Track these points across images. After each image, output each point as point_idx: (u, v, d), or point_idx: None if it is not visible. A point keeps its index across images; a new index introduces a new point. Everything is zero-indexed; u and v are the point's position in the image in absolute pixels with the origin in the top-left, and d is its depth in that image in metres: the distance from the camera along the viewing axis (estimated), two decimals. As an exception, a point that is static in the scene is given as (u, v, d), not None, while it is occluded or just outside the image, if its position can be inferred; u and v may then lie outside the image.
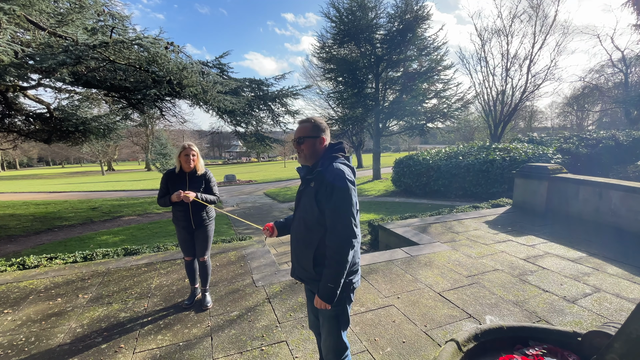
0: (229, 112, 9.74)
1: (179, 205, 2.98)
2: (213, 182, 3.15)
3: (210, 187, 3.12)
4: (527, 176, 6.40)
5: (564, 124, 42.31)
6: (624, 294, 3.14)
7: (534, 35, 17.20)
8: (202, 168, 3.05)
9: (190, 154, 2.93)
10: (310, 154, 1.68)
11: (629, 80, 25.29)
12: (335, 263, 1.54)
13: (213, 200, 3.11)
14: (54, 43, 5.21)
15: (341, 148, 1.72)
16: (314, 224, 1.61)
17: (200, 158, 3.04)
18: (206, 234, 3.14)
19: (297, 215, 1.74)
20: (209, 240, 3.19)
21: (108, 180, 32.04)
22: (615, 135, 12.08)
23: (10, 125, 8.59)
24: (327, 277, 1.55)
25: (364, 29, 14.24)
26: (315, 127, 1.68)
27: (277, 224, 1.93)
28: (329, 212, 1.55)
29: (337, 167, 1.57)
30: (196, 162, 3.00)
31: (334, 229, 1.54)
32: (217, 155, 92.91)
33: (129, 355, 2.46)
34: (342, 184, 1.54)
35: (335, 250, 1.54)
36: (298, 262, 1.73)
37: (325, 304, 1.58)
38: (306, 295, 1.95)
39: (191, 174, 3.01)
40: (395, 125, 18.16)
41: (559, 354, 1.80)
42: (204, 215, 3.10)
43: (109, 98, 9.03)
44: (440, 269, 3.87)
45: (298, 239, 1.71)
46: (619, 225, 4.88)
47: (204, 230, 3.12)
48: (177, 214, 3.05)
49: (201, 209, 3.07)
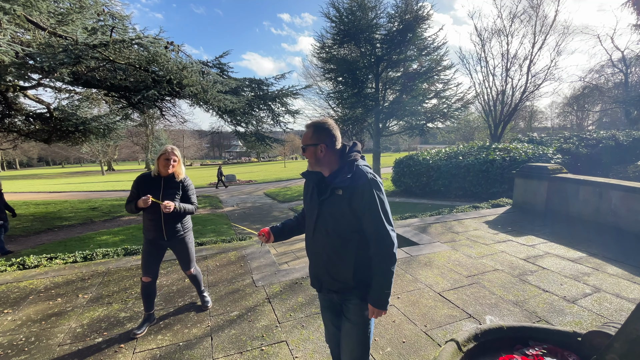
0: (229, 112, 9.72)
1: (150, 212, 2.67)
2: (192, 190, 2.86)
3: (189, 195, 2.82)
4: (527, 176, 6.40)
5: (564, 124, 42.32)
6: (624, 294, 3.14)
7: (534, 35, 17.19)
8: (181, 174, 2.78)
9: (171, 159, 2.66)
10: (314, 161, 1.58)
11: (629, 80, 25.30)
12: (388, 269, 1.49)
13: (191, 210, 2.82)
14: (54, 43, 5.21)
15: (357, 149, 1.64)
16: (349, 233, 1.53)
17: (181, 164, 2.77)
18: (185, 245, 2.87)
19: (321, 225, 1.59)
20: (190, 252, 2.92)
21: (108, 180, 32.03)
22: (615, 135, 12.08)
23: (10, 125, 8.59)
24: (382, 284, 1.51)
25: (364, 29, 14.23)
26: (316, 132, 1.57)
27: (274, 230, 1.84)
28: (370, 217, 1.48)
29: (365, 170, 1.52)
30: (176, 168, 2.72)
31: (380, 234, 1.48)
32: (217, 155, 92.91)
33: (129, 355, 2.46)
34: (378, 187, 1.50)
35: (385, 256, 1.48)
36: (331, 276, 1.60)
37: (380, 311, 1.54)
38: (324, 306, 1.80)
39: (168, 179, 2.72)
40: (395, 125, 18.16)
41: (559, 354, 1.80)
42: (179, 226, 2.79)
43: (109, 98, 9.03)
44: (440, 269, 3.87)
45: (328, 252, 1.58)
46: (619, 225, 4.88)
47: (180, 242, 2.84)
48: (147, 223, 2.73)
49: (176, 219, 2.76)
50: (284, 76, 10.70)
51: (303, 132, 1.66)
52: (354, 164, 1.54)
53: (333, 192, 1.53)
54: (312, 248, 1.68)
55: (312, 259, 1.71)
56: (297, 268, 4.01)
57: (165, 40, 5.96)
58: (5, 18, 4.53)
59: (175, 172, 2.73)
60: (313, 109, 22.35)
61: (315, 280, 1.71)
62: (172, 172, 2.72)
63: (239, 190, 18.68)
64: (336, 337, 1.77)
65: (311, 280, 1.75)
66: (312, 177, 1.66)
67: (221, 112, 9.57)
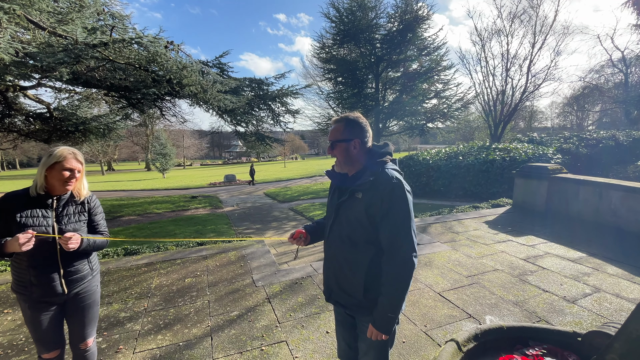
0: (229, 112, 9.73)
1: (33, 257, 1.64)
2: (100, 212, 1.93)
3: (96, 221, 1.89)
4: (527, 176, 6.40)
5: (564, 124, 42.32)
6: (624, 294, 3.14)
7: (534, 35, 17.19)
8: (84, 190, 1.84)
9: (75, 169, 1.72)
10: (344, 160, 1.42)
11: (629, 80, 25.30)
12: (397, 291, 1.31)
13: (103, 244, 1.89)
14: (54, 42, 5.21)
15: (388, 151, 1.46)
16: (362, 242, 1.37)
17: (84, 179, 1.84)
18: (89, 299, 1.87)
19: (336, 229, 1.46)
20: (94, 311, 1.91)
21: (108, 180, 32.04)
22: (615, 135, 12.08)
23: (10, 125, 8.59)
24: (387, 306, 1.32)
25: (364, 29, 14.23)
26: (349, 127, 1.40)
27: (309, 229, 1.63)
28: (387, 229, 1.31)
29: (391, 174, 1.34)
30: (77, 183, 1.78)
31: (396, 250, 1.31)
32: (217, 155, 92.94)
33: (129, 355, 2.46)
34: (402, 195, 1.31)
35: (397, 277, 1.30)
36: (340, 286, 1.47)
37: (382, 335, 1.35)
38: (337, 319, 1.65)
39: (63, 200, 1.76)
40: (395, 125, 18.15)
41: (559, 354, 1.80)
42: (85, 269, 1.84)
43: (108, 98, 9.04)
44: (440, 269, 3.87)
45: (339, 259, 1.45)
46: (619, 225, 4.88)
47: (84, 294, 1.84)
48: (27, 275, 1.66)
49: (80, 260, 1.81)
50: (283, 76, 10.71)
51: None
52: (381, 165, 1.38)
53: (352, 194, 1.39)
54: (326, 251, 1.56)
55: (325, 263, 1.59)
56: (297, 268, 4.01)
57: (165, 39, 5.96)
58: (5, 17, 4.53)
59: (76, 189, 1.80)
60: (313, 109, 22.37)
61: (325, 287, 1.59)
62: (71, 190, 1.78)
63: (239, 190, 18.69)
64: (347, 354, 1.64)
65: (323, 285, 1.63)
66: (336, 177, 1.51)
67: (221, 111, 9.58)
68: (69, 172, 1.70)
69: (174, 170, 45.60)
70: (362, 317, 1.46)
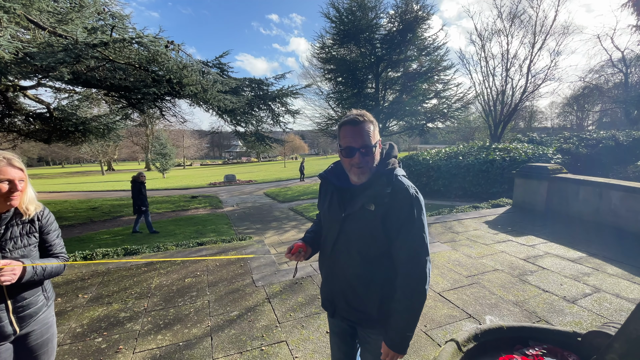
0: (229, 112, 9.72)
1: None
2: (54, 230, 1.59)
3: (50, 242, 1.56)
4: (527, 176, 6.40)
5: (564, 124, 42.31)
6: (623, 294, 3.14)
7: (534, 35, 17.20)
8: (32, 205, 1.50)
9: (15, 179, 1.39)
10: (370, 167, 1.26)
11: (629, 80, 25.30)
12: (414, 308, 1.22)
13: (58, 270, 1.56)
14: (54, 42, 5.21)
15: (394, 154, 1.35)
16: (376, 257, 1.27)
17: (29, 188, 1.49)
18: (47, 333, 1.58)
19: (343, 245, 1.32)
20: (52, 345, 1.62)
21: (108, 180, 32.03)
22: (615, 135, 12.08)
23: (10, 125, 8.60)
24: (404, 325, 1.22)
25: (364, 29, 14.23)
26: (376, 127, 1.27)
27: (308, 240, 1.49)
28: (405, 241, 1.22)
29: (407, 184, 1.24)
30: (21, 197, 1.44)
31: (413, 262, 1.21)
32: (217, 155, 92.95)
33: (129, 355, 2.46)
34: (420, 206, 1.23)
35: (415, 290, 1.21)
36: (349, 303, 1.35)
37: (397, 355, 1.25)
38: (332, 330, 1.54)
39: (4, 220, 1.42)
40: (395, 125, 18.15)
41: (559, 354, 1.80)
42: (40, 300, 1.53)
43: (108, 98, 9.03)
44: (440, 269, 3.86)
45: (349, 276, 1.33)
46: (619, 225, 4.88)
47: (41, 329, 1.54)
48: None
49: (33, 288, 1.50)
50: (284, 76, 10.71)
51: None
52: (392, 173, 1.26)
53: (363, 206, 1.25)
54: (328, 268, 1.42)
55: (327, 279, 1.45)
56: (297, 268, 4.01)
57: (165, 39, 5.96)
58: (5, 17, 4.53)
59: (21, 205, 1.46)
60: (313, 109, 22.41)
61: (328, 303, 1.45)
62: (15, 206, 1.44)
63: (239, 190, 18.68)
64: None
65: (323, 301, 1.50)
66: (332, 180, 1.36)
67: (221, 111, 9.57)
68: (7, 185, 1.35)
69: (174, 170, 45.59)
70: (367, 329, 1.38)
